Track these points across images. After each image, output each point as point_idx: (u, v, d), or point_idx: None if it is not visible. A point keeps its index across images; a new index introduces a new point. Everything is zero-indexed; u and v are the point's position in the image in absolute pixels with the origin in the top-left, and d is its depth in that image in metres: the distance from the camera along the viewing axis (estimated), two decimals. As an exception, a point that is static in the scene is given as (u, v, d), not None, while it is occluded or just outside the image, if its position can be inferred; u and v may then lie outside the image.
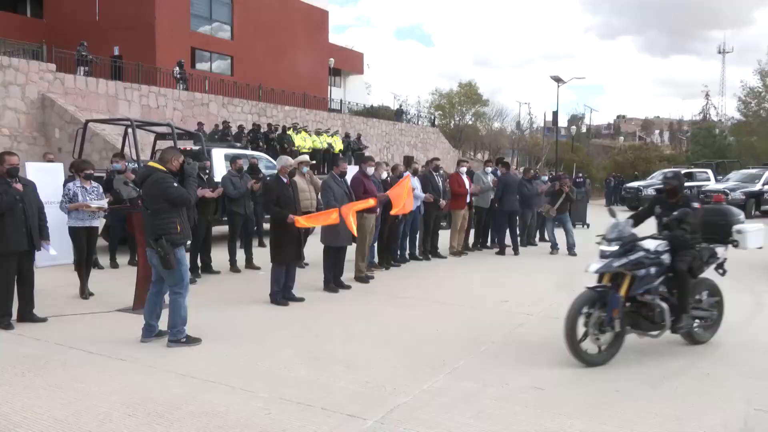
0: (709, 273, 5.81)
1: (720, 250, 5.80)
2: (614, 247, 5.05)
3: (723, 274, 5.84)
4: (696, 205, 5.45)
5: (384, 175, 9.86)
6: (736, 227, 5.77)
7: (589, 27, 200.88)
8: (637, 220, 5.75)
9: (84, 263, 7.57)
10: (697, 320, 5.62)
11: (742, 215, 5.99)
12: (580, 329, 4.96)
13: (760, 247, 5.94)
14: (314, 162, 14.56)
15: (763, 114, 40.27)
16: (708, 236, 5.73)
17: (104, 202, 7.90)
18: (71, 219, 7.59)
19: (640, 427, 3.88)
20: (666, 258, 5.27)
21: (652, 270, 5.13)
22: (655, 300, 5.15)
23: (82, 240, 7.57)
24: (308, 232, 7.67)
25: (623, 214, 5.88)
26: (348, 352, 5.37)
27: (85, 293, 7.48)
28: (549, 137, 53.28)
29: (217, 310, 6.88)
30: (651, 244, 5.25)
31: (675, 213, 5.38)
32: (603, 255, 5.07)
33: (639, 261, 5.06)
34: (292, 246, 7.29)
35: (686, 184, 24.95)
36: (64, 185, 8.10)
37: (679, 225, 5.33)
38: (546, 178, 14.17)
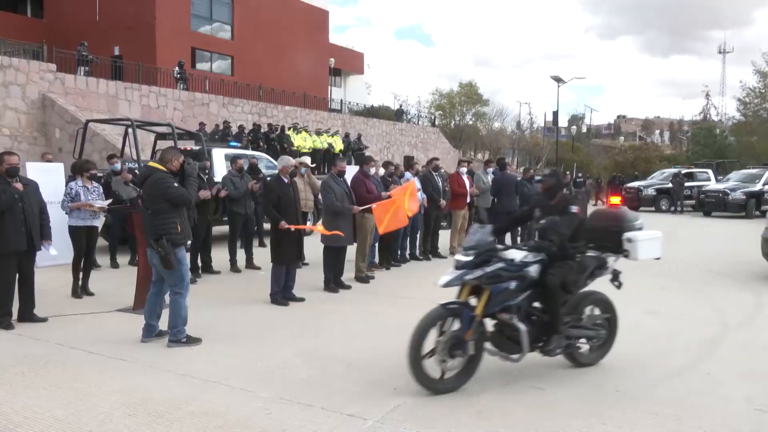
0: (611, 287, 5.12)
1: (612, 260, 5.06)
2: (470, 257, 4.40)
3: (619, 287, 5.05)
4: (574, 209, 4.79)
5: (381, 171, 9.86)
6: (626, 235, 4.97)
7: (589, 27, 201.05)
8: (514, 225, 5.11)
9: (82, 262, 7.58)
10: (584, 340, 4.98)
11: (638, 221, 5.15)
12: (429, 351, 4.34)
13: (658, 258, 5.17)
14: (314, 165, 14.69)
15: (764, 114, 40.30)
16: (599, 244, 5.04)
17: (106, 203, 7.92)
18: (72, 218, 7.60)
19: (640, 427, 3.88)
20: (533, 270, 4.55)
21: (512, 284, 4.42)
22: (512, 319, 4.45)
23: (82, 239, 7.58)
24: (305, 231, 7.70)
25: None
26: (348, 352, 5.37)
27: (77, 292, 7.48)
28: (549, 137, 53.32)
29: (218, 310, 6.88)
30: (517, 255, 4.57)
31: (542, 221, 4.84)
32: (457, 266, 4.44)
33: (496, 274, 4.38)
34: (293, 246, 7.29)
35: (687, 184, 24.53)
36: (66, 185, 8.11)
37: (550, 234, 4.68)
38: (540, 178, 14.14)
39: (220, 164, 11.97)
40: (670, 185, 25.09)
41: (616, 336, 5.11)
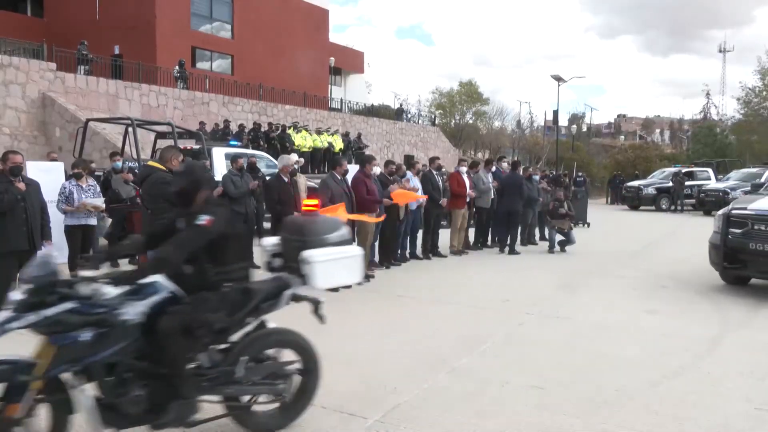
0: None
1: (295, 287, 3.83)
2: (26, 295, 3.11)
3: (322, 322, 3.97)
4: (203, 219, 3.36)
5: (378, 170, 9.87)
6: (303, 254, 3.68)
7: (589, 27, 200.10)
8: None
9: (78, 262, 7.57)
10: (267, 398, 3.74)
11: (335, 233, 3.90)
12: None
13: (350, 285, 3.84)
14: (302, 160, 14.96)
15: (764, 113, 40.32)
16: (288, 263, 3.86)
17: (101, 201, 7.92)
18: (68, 218, 7.62)
19: (640, 427, 3.88)
20: (132, 312, 3.17)
21: (87, 334, 3.06)
22: (76, 386, 3.12)
23: (77, 238, 7.57)
24: None
25: None
26: (348, 350, 5.37)
27: None
28: (549, 136, 53.27)
29: (218, 310, 6.87)
30: (113, 290, 3.21)
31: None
32: (14, 307, 3.17)
33: (59, 319, 3.06)
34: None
35: (687, 183, 24.30)
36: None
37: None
38: (537, 177, 14.16)
39: (220, 163, 11.98)
40: (671, 184, 25.11)
41: (315, 388, 3.83)
